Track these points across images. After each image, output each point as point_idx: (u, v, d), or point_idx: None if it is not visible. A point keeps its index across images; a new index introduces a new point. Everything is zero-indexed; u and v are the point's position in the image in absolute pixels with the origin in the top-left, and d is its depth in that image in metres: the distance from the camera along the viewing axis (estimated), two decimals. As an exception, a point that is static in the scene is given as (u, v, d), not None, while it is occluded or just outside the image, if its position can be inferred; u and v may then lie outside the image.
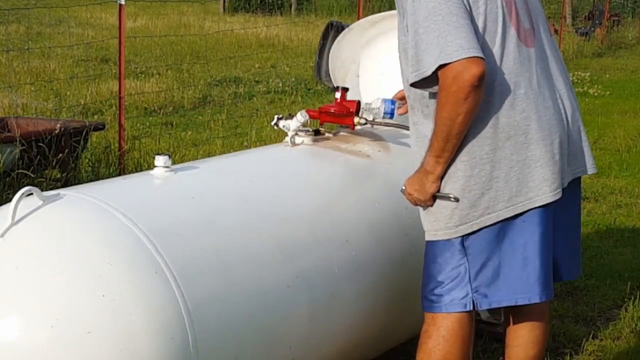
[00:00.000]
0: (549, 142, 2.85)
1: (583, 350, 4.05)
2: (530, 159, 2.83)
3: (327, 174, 3.40)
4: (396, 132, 3.75)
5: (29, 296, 2.42)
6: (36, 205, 2.60)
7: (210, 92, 11.01)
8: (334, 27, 6.73)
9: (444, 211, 2.87)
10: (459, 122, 2.71)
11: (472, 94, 2.65)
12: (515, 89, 2.80)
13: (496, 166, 2.81)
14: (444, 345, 2.91)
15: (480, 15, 2.76)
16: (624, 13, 24.42)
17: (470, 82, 2.63)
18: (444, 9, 2.67)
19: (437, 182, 2.85)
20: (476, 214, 2.83)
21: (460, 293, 2.89)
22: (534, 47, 2.89)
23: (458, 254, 2.88)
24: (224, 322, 2.63)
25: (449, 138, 2.75)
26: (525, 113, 2.81)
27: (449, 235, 2.88)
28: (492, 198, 2.82)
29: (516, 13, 2.85)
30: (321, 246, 3.03)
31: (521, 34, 2.85)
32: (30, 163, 5.57)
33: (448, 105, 2.69)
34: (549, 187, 2.84)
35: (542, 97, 2.86)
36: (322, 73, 4.16)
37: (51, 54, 12.67)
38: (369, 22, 4.07)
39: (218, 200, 2.92)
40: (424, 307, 2.97)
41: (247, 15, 22.88)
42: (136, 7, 19.17)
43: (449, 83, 2.66)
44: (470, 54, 2.63)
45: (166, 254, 2.55)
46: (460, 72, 2.64)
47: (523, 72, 2.82)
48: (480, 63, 2.64)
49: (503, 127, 2.80)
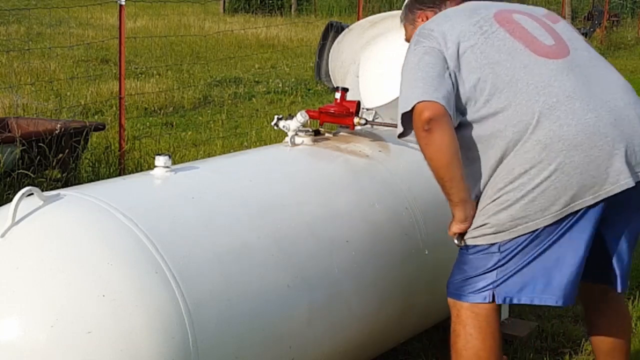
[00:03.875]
0: (587, 147, 2.83)
1: (583, 350, 4.06)
2: (569, 166, 2.82)
3: (327, 174, 3.40)
4: (396, 132, 3.75)
5: (29, 296, 2.42)
6: (36, 206, 2.61)
7: (210, 93, 11.01)
8: (334, 28, 6.74)
9: (482, 220, 2.93)
10: (436, 163, 2.89)
11: (427, 134, 2.83)
12: (538, 105, 2.84)
13: (534, 179, 2.85)
14: (474, 344, 2.94)
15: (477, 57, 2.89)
16: (624, 13, 24.39)
17: (422, 122, 2.83)
18: (413, 62, 2.92)
19: (457, 224, 2.97)
20: (513, 223, 2.88)
21: (483, 284, 2.94)
22: (565, 57, 2.94)
23: (492, 256, 2.92)
24: (224, 322, 2.63)
25: (440, 181, 2.92)
26: (560, 121, 2.83)
27: (487, 241, 2.93)
28: (530, 208, 2.85)
29: (527, 36, 2.95)
30: (321, 246, 3.03)
31: (538, 48, 2.93)
32: (30, 163, 5.57)
33: (422, 149, 2.91)
34: (587, 192, 2.83)
35: (578, 104, 2.86)
36: (322, 73, 4.18)
37: (51, 55, 12.67)
38: (369, 22, 4.08)
39: (218, 200, 2.92)
40: (447, 293, 3.03)
41: (247, 15, 22.87)
42: (136, 7, 19.19)
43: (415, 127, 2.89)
44: (424, 98, 2.83)
45: (166, 254, 2.56)
46: (415, 116, 2.86)
47: (552, 83, 2.87)
48: (431, 106, 2.82)
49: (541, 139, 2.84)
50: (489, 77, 2.87)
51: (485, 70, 2.87)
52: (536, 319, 4.40)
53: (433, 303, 3.58)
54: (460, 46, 2.89)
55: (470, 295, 2.96)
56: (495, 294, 2.93)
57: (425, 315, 3.65)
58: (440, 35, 2.92)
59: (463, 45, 2.89)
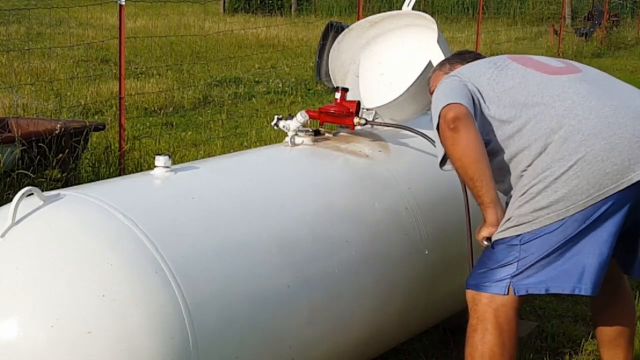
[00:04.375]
0: (608, 135, 2.90)
1: (583, 350, 4.06)
2: (590, 154, 2.88)
3: (327, 174, 3.40)
4: (396, 132, 3.76)
5: (29, 296, 2.42)
6: (36, 206, 2.61)
7: (210, 93, 11.02)
8: (334, 28, 6.72)
9: (506, 216, 2.99)
10: (465, 161, 2.95)
11: (453, 133, 2.93)
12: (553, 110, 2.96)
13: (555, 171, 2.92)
14: (489, 338, 2.98)
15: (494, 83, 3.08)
16: (624, 13, 24.41)
17: (448, 122, 2.94)
18: (439, 90, 3.12)
19: (488, 228, 3.02)
20: (535, 214, 2.93)
21: (502, 274, 2.97)
22: (577, 73, 3.11)
23: (513, 248, 2.97)
24: (224, 322, 2.63)
25: (471, 182, 2.98)
26: (579, 117, 2.93)
27: (510, 234, 2.97)
28: (552, 199, 2.90)
29: (539, 64, 3.16)
30: (321, 246, 3.03)
31: (549, 70, 3.12)
32: (30, 163, 5.57)
33: (450, 151, 2.99)
34: (610, 180, 2.87)
35: (595, 102, 2.96)
36: (322, 73, 4.16)
37: (51, 55, 12.67)
38: (369, 22, 4.08)
39: (218, 200, 2.92)
40: (466, 286, 3.07)
41: (247, 15, 22.89)
42: (136, 7, 19.21)
43: (442, 128, 2.99)
44: (447, 102, 2.98)
45: (166, 254, 2.55)
46: (441, 120, 2.98)
47: (566, 90, 3.00)
48: (455, 107, 2.95)
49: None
50: (507, 101, 3.03)
51: (503, 97, 3.04)
52: (536, 319, 4.40)
53: (433, 303, 3.58)
54: (479, 80, 3.09)
55: (488, 285, 2.99)
56: (514, 286, 2.96)
57: (425, 315, 3.65)
58: (461, 74, 3.15)
59: (481, 79, 3.09)
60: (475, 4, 24.43)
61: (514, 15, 24.68)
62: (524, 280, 2.96)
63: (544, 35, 19.11)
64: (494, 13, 25.07)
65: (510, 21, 23.27)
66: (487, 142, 3.01)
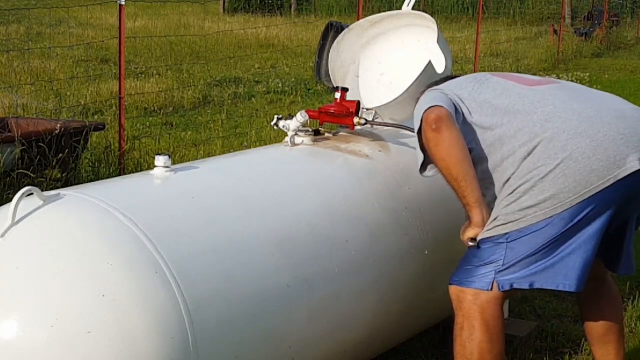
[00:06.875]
0: (593, 133, 2.93)
1: (582, 350, 4.06)
2: (576, 152, 2.91)
3: (327, 174, 3.40)
4: (396, 132, 3.76)
5: (29, 296, 2.42)
6: (36, 206, 2.61)
7: (210, 93, 11.02)
8: (334, 28, 6.71)
9: (493, 216, 3.02)
10: (449, 162, 2.98)
11: (435, 134, 2.97)
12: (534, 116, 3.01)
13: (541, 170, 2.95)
14: (477, 335, 3.00)
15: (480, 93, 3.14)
16: (624, 13, 24.42)
17: (430, 123, 2.99)
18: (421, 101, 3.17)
19: (474, 229, 3.04)
20: (523, 213, 2.95)
21: (487, 270, 3.00)
22: (556, 84, 3.24)
23: (500, 246, 2.99)
24: (224, 322, 2.63)
25: (455, 182, 3.00)
26: (562, 119, 2.98)
27: (497, 232, 2.99)
28: (539, 197, 2.93)
29: (519, 78, 3.27)
30: (321, 246, 3.03)
31: (528, 82, 3.21)
32: (30, 163, 5.57)
33: (433, 152, 3.02)
34: (597, 177, 2.90)
35: (576, 105, 3.03)
36: (322, 73, 4.16)
37: (51, 55, 12.67)
38: (369, 22, 4.08)
39: (218, 200, 2.92)
40: (450, 282, 3.08)
41: (247, 15, 22.90)
42: (136, 7, 19.22)
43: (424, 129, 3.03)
44: (429, 106, 3.03)
45: (166, 254, 2.56)
46: (423, 123, 3.03)
47: (546, 97, 3.07)
48: (437, 109, 3.00)
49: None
50: (489, 110, 3.07)
51: (484, 106, 3.08)
52: (536, 319, 4.40)
53: (433, 303, 3.58)
54: (461, 93, 3.13)
55: (472, 280, 3.01)
56: (499, 282, 2.98)
57: (425, 315, 3.65)
58: (443, 88, 3.21)
59: (463, 92, 3.14)
60: (475, 4, 24.45)
61: (514, 15, 24.69)
62: (508, 275, 2.98)
63: (544, 35, 19.11)
64: (494, 13, 25.08)
65: (510, 21, 23.27)
66: (471, 150, 3.04)
